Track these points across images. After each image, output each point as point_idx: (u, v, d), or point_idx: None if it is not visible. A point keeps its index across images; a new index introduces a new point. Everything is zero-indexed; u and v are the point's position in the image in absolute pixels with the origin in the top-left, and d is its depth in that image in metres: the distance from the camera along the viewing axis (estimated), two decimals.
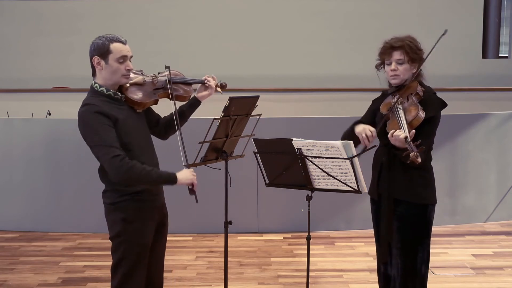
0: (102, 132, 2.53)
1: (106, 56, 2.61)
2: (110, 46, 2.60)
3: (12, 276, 4.32)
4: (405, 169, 2.78)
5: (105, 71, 2.63)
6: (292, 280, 4.22)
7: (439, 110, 2.83)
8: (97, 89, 2.66)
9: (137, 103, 2.73)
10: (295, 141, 2.76)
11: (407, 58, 2.81)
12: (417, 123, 2.70)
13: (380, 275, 3.04)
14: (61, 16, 8.09)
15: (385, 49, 2.86)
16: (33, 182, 5.42)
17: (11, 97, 7.20)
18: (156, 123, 2.95)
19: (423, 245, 2.85)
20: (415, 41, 2.87)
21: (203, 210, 5.33)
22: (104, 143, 2.52)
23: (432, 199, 2.87)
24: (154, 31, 7.91)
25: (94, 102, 2.59)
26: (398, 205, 2.84)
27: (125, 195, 2.65)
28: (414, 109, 2.71)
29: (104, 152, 2.52)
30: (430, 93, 2.84)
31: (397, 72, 2.83)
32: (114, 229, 2.69)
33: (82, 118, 2.58)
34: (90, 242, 5.11)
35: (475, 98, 7.19)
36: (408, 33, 2.92)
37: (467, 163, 5.58)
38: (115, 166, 2.50)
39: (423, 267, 2.86)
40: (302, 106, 7.23)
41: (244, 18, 8.09)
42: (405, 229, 2.83)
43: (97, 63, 2.63)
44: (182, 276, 4.31)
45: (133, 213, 2.66)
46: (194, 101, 2.99)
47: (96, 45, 2.62)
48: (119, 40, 2.63)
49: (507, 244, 5.07)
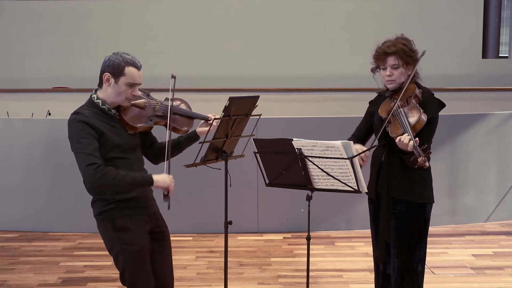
0: (84, 141, 2.54)
1: (118, 76, 2.61)
2: (125, 69, 2.61)
3: (12, 276, 4.32)
4: (403, 169, 2.79)
5: (111, 89, 2.64)
6: (292, 280, 4.22)
7: (438, 110, 2.84)
8: (94, 100, 2.67)
9: (129, 125, 2.72)
10: (295, 141, 2.76)
11: (402, 62, 2.81)
12: (420, 126, 2.71)
13: (378, 274, 3.04)
14: (61, 16, 8.09)
15: (379, 55, 2.86)
16: (33, 182, 5.42)
17: (11, 97, 7.20)
18: (150, 146, 2.93)
19: (420, 243, 2.87)
20: (409, 43, 2.85)
21: (203, 210, 5.36)
22: (84, 150, 2.53)
23: (430, 198, 2.90)
24: (154, 31, 7.91)
25: (84, 113, 2.61)
26: (396, 204, 2.86)
27: (111, 204, 2.65)
28: (416, 113, 2.72)
29: (82, 159, 2.53)
30: (428, 94, 2.85)
31: (392, 77, 2.84)
32: (107, 240, 2.71)
33: (69, 125, 2.63)
34: (90, 242, 5.11)
35: (475, 98, 7.19)
36: (408, 33, 2.92)
37: (467, 163, 5.58)
38: (89, 174, 2.51)
39: (420, 265, 2.89)
40: (302, 106, 7.23)
41: (244, 18, 8.09)
42: (403, 228, 2.85)
43: (107, 80, 2.63)
44: (182, 276, 4.31)
45: (121, 221, 2.66)
46: (193, 135, 2.95)
47: (112, 62, 2.62)
48: (135, 65, 2.63)
49: (507, 244, 5.07)
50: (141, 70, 2.67)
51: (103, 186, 2.55)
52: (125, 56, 2.63)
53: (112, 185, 2.55)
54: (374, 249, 3.06)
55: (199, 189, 5.31)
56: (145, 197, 2.78)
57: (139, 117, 2.76)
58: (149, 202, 2.81)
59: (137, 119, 2.75)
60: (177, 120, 2.89)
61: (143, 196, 2.76)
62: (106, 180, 2.51)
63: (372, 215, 3.03)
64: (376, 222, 2.99)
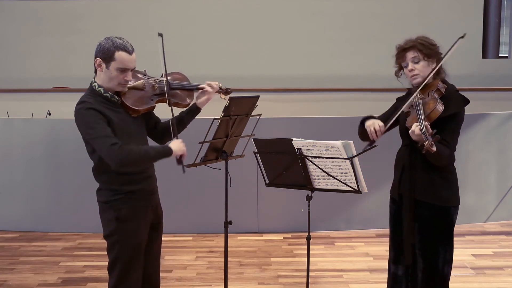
0: (98, 126, 2.55)
1: (108, 61, 2.61)
2: (115, 53, 2.60)
3: (12, 276, 4.32)
4: (427, 170, 2.76)
5: (104, 75, 2.64)
6: (292, 280, 4.22)
7: (461, 106, 2.77)
8: (95, 89, 2.67)
9: (132, 109, 2.72)
10: (295, 141, 2.76)
11: (422, 55, 2.78)
12: (435, 116, 2.66)
13: (389, 274, 3.02)
14: (61, 16, 8.09)
15: (398, 52, 2.84)
16: (33, 182, 5.42)
17: (11, 97, 7.21)
18: (154, 127, 2.93)
19: (444, 246, 2.80)
20: (427, 38, 2.84)
21: (203, 210, 5.36)
22: (101, 133, 2.54)
23: (454, 201, 2.82)
24: (154, 31, 7.85)
25: (89, 101, 2.61)
26: (419, 206, 2.80)
27: (119, 194, 2.66)
28: (433, 103, 2.68)
29: (102, 142, 2.53)
30: (452, 90, 2.80)
31: (415, 71, 2.80)
32: (108, 228, 2.71)
33: (78, 114, 2.61)
34: (90, 242, 5.11)
35: (475, 98, 7.13)
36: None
37: (467, 163, 5.58)
38: (115, 153, 2.52)
39: (446, 267, 2.83)
40: (302, 106, 7.23)
41: (244, 18, 8.09)
42: (426, 230, 2.80)
43: (98, 65, 2.63)
44: (182, 276, 4.32)
45: (126, 212, 2.67)
46: (194, 108, 2.96)
47: (102, 47, 2.62)
48: (125, 49, 2.62)
49: (507, 244, 5.07)
50: (135, 54, 2.65)
51: (130, 163, 2.58)
52: (116, 40, 2.62)
53: (139, 159, 2.60)
54: (390, 250, 3.03)
55: (199, 189, 5.31)
56: (151, 189, 2.80)
57: (141, 99, 2.76)
58: (154, 193, 2.83)
59: (139, 101, 2.75)
60: (178, 95, 2.89)
61: (149, 188, 2.78)
62: (133, 156, 2.56)
63: (393, 215, 2.98)
64: (395, 223, 2.95)
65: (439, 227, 2.80)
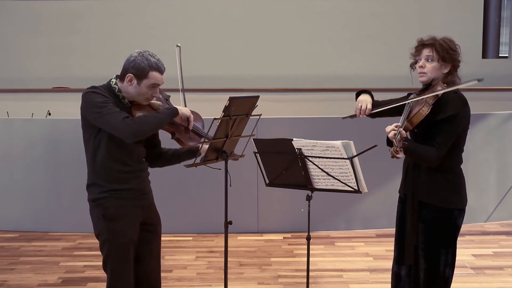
0: (108, 105, 2.58)
1: (141, 79, 2.63)
2: (150, 73, 2.62)
3: (12, 276, 4.32)
4: (430, 172, 2.75)
5: (133, 89, 2.66)
6: (292, 280, 4.22)
7: (459, 107, 2.73)
8: (111, 85, 2.69)
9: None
10: (295, 141, 2.76)
11: (437, 57, 2.74)
12: (417, 120, 2.65)
13: (392, 274, 3.02)
14: (61, 16, 8.09)
15: (417, 46, 2.82)
16: (33, 182, 5.42)
17: (11, 97, 7.21)
18: (152, 147, 2.92)
19: (446, 248, 2.78)
20: (451, 42, 2.79)
21: (203, 210, 5.36)
22: (113, 109, 2.57)
23: (458, 203, 2.79)
24: (154, 31, 7.91)
25: (101, 89, 2.65)
26: (423, 207, 2.79)
27: (105, 192, 2.68)
28: (418, 106, 2.66)
29: (115, 117, 2.55)
30: (451, 93, 2.74)
31: (424, 69, 2.76)
32: (97, 227, 2.73)
33: (86, 97, 2.62)
34: (90, 242, 5.10)
35: (475, 98, 7.16)
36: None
37: (467, 163, 5.52)
38: (130, 125, 2.55)
39: (447, 269, 2.80)
40: (302, 106, 7.23)
41: (244, 18, 8.09)
42: (430, 232, 2.79)
43: (129, 80, 2.64)
44: (182, 276, 4.32)
45: (113, 210, 2.68)
46: (195, 150, 2.94)
47: (137, 65, 2.62)
48: (159, 70, 2.65)
49: (507, 244, 5.07)
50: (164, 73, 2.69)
51: (145, 131, 2.62)
52: (151, 59, 2.63)
53: (152, 127, 2.65)
54: (395, 250, 3.01)
55: (199, 189, 5.31)
56: (142, 189, 2.79)
57: None
58: (145, 193, 2.82)
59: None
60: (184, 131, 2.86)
61: (140, 188, 2.78)
62: (147, 124, 2.60)
63: (399, 214, 2.97)
64: (401, 223, 2.94)
65: (442, 229, 2.78)
